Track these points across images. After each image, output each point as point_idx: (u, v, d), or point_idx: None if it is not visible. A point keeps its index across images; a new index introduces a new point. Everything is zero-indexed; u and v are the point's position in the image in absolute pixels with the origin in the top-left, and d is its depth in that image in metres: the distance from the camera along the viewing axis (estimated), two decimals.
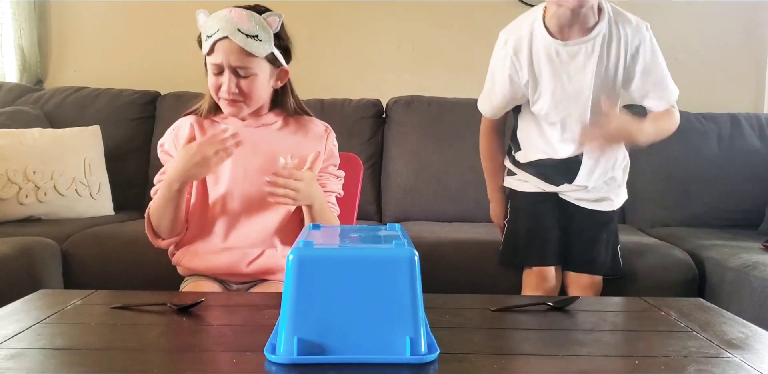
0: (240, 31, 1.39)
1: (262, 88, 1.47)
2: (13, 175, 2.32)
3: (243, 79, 1.43)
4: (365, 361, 0.83)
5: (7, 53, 3.05)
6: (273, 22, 1.43)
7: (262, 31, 1.41)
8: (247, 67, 1.42)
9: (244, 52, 1.40)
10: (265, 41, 1.42)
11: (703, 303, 1.25)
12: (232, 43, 1.39)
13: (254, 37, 1.39)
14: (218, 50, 1.41)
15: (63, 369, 0.85)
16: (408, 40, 3.15)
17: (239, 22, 1.39)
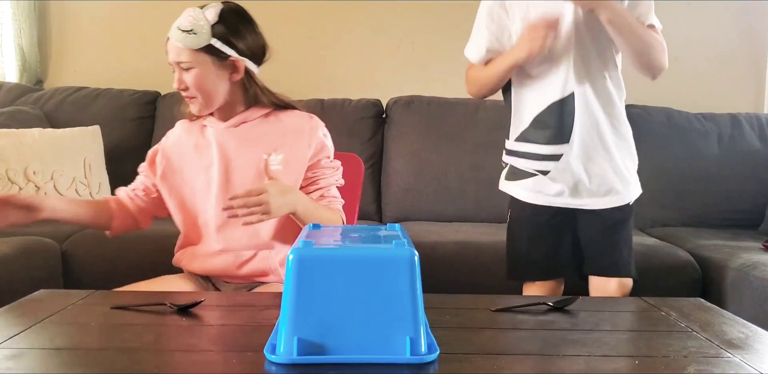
0: (177, 29, 1.44)
1: (206, 82, 1.45)
2: (13, 175, 2.32)
3: (185, 74, 1.45)
4: (365, 361, 0.83)
5: (7, 53, 3.05)
6: (209, 15, 1.44)
7: (197, 24, 1.43)
8: (184, 61, 1.44)
9: (179, 47, 1.44)
10: (200, 34, 1.42)
11: (703, 303, 1.25)
12: (171, 41, 1.45)
13: (188, 32, 1.42)
14: (168, 50, 1.47)
15: (63, 369, 0.85)
16: (408, 40, 3.15)
17: (179, 21, 1.45)
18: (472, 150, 2.74)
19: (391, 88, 2.98)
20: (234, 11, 1.48)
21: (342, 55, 3.14)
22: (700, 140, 2.78)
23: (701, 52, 3.08)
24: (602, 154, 1.68)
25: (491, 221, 2.65)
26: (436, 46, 3.14)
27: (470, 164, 2.72)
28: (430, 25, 3.14)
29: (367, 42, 3.14)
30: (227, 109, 1.51)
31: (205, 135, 1.53)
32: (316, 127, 1.55)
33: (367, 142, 2.80)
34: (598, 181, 1.69)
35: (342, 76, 3.14)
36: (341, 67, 3.14)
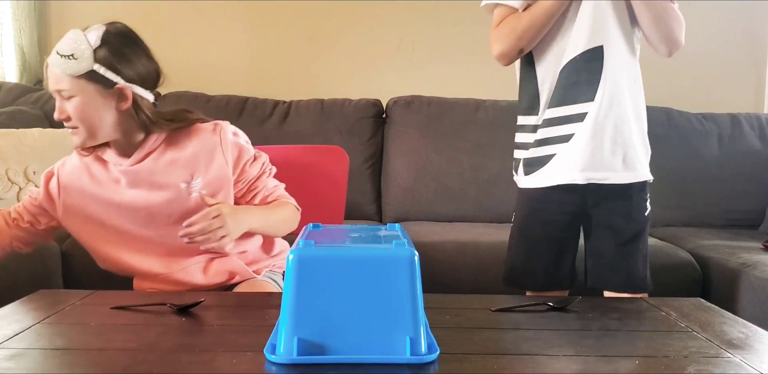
0: (57, 54, 1.31)
1: (89, 111, 1.33)
2: (13, 175, 2.32)
3: (66, 103, 1.34)
4: (365, 361, 0.83)
5: (7, 53, 3.04)
6: (91, 38, 1.31)
7: (78, 48, 1.30)
8: (64, 88, 1.32)
9: (59, 73, 1.31)
10: (81, 59, 1.29)
11: (703, 303, 1.25)
12: (50, 68, 1.33)
13: (68, 57, 1.29)
14: (48, 77, 1.35)
15: (63, 369, 0.85)
16: (408, 40, 3.15)
17: (60, 44, 1.32)
18: (472, 150, 2.74)
19: (391, 88, 2.98)
20: (120, 33, 1.36)
21: (342, 55, 3.14)
22: (700, 140, 2.78)
23: (701, 52, 3.08)
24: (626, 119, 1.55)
25: (491, 221, 2.66)
26: (436, 46, 3.14)
27: (470, 164, 2.72)
28: (430, 25, 3.14)
29: (367, 42, 3.14)
30: (124, 141, 1.38)
31: (111, 171, 1.40)
32: (224, 135, 1.41)
33: (367, 142, 2.80)
34: (621, 150, 1.55)
35: (342, 76, 3.14)
36: (341, 67, 3.14)
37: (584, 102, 1.53)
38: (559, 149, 1.56)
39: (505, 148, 2.72)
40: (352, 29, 3.14)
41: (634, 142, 1.56)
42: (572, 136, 1.54)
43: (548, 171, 1.59)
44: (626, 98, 1.55)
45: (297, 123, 2.76)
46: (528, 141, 1.62)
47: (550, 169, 1.58)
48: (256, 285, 1.47)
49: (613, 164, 1.55)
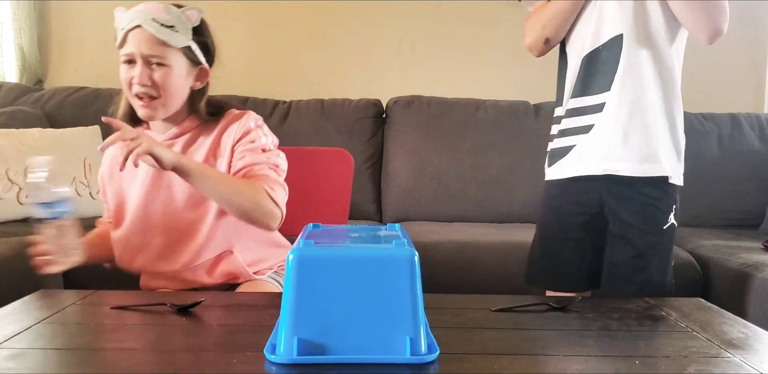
0: (154, 21, 1.32)
1: (177, 84, 1.36)
2: (13, 175, 2.32)
3: (156, 71, 1.33)
4: (365, 361, 0.83)
5: (7, 53, 3.05)
6: (192, 16, 1.36)
7: (179, 22, 1.34)
8: (161, 56, 1.33)
9: (158, 40, 1.32)
10: (182, 33, 1.34)
11: (703, 303, 1.25)
12: (145, 32, 1.31)
13: (170, 28, 1.32)
14: (131, 39, 1.33)
15: (63, 369, 0.85)
16: (408, 40, 3.15)
17: (154, 12, 1.33)
18: (472, 150, 2.74)
19: (391, 88, 2.99)
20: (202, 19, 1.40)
21: (342, 55, 3.14)
22: (700, 140, 2.78)
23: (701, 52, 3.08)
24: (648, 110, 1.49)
25: (491, 221, 2.66)
26: (436, 46, 3.14)
27: (470, 164, 2.73)
28: (430, 25, 3.14)
29: (367, 42, 3.14)
30: (171, 118, 1.41)
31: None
32: (247, 120, 1.43)
33: (367, 142, 2.80)
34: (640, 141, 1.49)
35: (342, 76, 3.14)
36: (341, 67, 3.14)
37: (602, 92, 1.50)
38: (578, 140, 1.54)
39: (505, 148, 2.74)
40: (352, 29, 3.14)
41: (657, 135, 1.49)
42: (592, 126, 1.52)
43: (567, 162, 1.56)
44: (649, 89, 1.49)
45: (297, 123, 2.76)
46: (554, 132, 1.61)
47: (569, 159, 1.56)
48: (258, 286, 1.47)
49: (629, 155, 1.49)
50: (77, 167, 2.46)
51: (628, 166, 1.50)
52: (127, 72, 1.35)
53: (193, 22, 1.36)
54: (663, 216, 1.52)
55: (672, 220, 1.53)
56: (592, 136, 1.52)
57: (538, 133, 2.74)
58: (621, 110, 1.49)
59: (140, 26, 1.31)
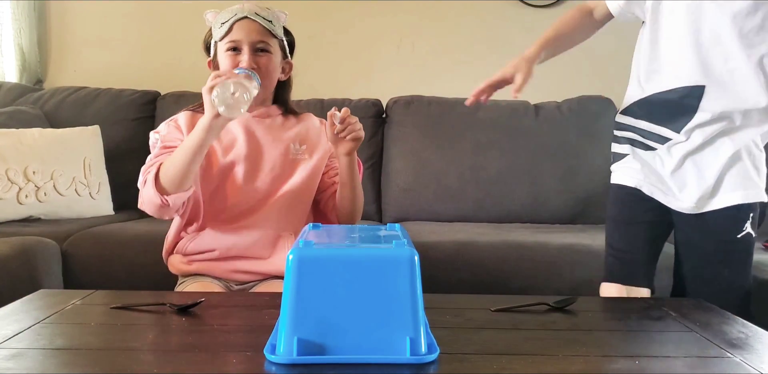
0: (258, 15, 1.50)
1: (275, 71, 1.54)
2: (13, 175, 2.32)
3: (261, 57, 1.50)
4: (365, 361, 0.83)
5: (7, 53, 3.04)
6: (282, 17, 1.55)
7: (275, 19, 1.53)
8: (268, 43, 1.50)
9: (264, 29, 1.50)
10: (278, 27, 1.53)
11: (703, 303, 1.25)
12: (253, 22, 1.49)
13: (269, 21, 1.51)
14: (237, 29, 1.49)
15: (63, 369, 0.85)
16: (408, 39, 3.15)
17: (256, 9, 1.51)
18: (472, 150, 2.74)
19: (391, 88, 2.98)
20: None
21: (342, 55, 3.14)
22: None
23: None
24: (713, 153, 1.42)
25: (491, 221, 2.66)
26: (436, 46, 3.14)
27: (470, 164, 2.72)
28: (430, 25, 3.14)
29: (367, 42, 3.14)
30: (260, 101, 1.56)
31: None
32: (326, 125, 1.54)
33: (367, 142, 2.79)
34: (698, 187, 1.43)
35: (342, 76, 3.14)
36: (341, 67, 3.14)
37: (670, 129, 1.44)
38: (639, 154, 1.51)
39: (505, 148, 2.74)
40: (352, 29, 3.14)
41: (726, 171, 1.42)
42: (655, 150, 1.47)
43: (630, 170, 1.53)
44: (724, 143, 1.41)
45: None
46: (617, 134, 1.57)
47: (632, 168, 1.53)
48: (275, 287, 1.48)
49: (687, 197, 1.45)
50: (77, 167, 2.46)
51: (687, 205, 1.45)
52: (231, 59, 1.49)
53: (282, 22, 1.55)
54: (735, 225, 1.42)
55: (748, 229, 1.42)
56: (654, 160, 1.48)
57: (538, 133, 2.75)
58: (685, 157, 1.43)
59: (247, 18, 1.49)
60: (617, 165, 1.58)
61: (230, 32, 1.50)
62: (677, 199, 1.47)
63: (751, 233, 1.42)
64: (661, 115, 1.45)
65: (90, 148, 2.55)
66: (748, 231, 1.41)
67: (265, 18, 1.50)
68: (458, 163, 2.72)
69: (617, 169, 1.58)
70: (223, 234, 1.52)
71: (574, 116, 2.79)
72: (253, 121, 1.56)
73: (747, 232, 1.41)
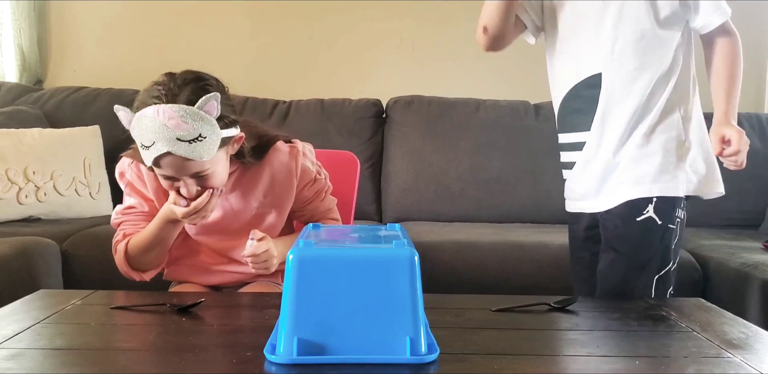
0: (180, 140, 1.19)
1: (224, 172, 1.33)
2: (13, 175, 2.32)
3: (201, 179, 1.28)
4: (365, 361, 0.83)
5: (7, 53, 3.04)
6: (211, 110, 1.21)
7: (203, 125, 1.21)
8: (203, 169, 1.26)
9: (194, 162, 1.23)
10: (210, 136, 1.22)
11: (703, 303, 1.25)
12: (177, 158, 1.21)
13: (197, 139, 1.20)
14: (165, 165, 1.24)
15: (63, 369, 0.85)
16: (408, 39, 3.15)
17: (174, 128, 1.19)
18: (472, 150, 2.74)
19: (391, 88, 2.98)
20: (203, 81, 1.27)
21: (342, 55, 3.14)
22: None
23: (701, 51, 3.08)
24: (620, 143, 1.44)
25: (491, 221, 2.66)
26: (436, 46, 3.14)
27: (470, 164, 2.72)
28: (431, 24, 3.14)
29: (367, 42, 3.14)
30: None
31: None
32: (299, 160, 1.45)
33: (367, 142, 2.80)
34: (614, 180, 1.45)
35: (342, 76, 3.14)
36: (341, 67, 3.14)
37: (582, 131, 1.46)
38: (567, 175, 1.54)
39: (505, 148, 2.74)
40: (352, 29, 3.14)
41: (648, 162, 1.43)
42: (573, 164, 1.50)
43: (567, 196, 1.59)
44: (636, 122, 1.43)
45: (297, 123, 2.76)
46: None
47: (566, 194, 1.58)
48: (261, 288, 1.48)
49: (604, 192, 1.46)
50: (77, 167, 2.46)
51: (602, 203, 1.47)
52: (169, 184, 1.30)
53: (215, 116, 1.22)
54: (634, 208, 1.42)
55: (650, 213, 1.41)
56: (574, 172, 1.51)
57: (538, 133, 2.75)
58: (600, 151, 1.45)
59: (170, 153, 1.20)
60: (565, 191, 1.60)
61: (159, 166, 1.25)
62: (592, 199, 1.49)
63: (654, 218, 1.41)
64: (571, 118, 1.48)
65: (90, 148, 2.55)
66: (649, 215, 1.41)
67: (192, 140, 1.19)
68: (458, 163, 2.72)
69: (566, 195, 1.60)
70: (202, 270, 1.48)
71: None
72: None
73: (648, 216, 1.41)
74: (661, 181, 1.43)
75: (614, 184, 1.45)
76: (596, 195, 1.48)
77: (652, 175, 1.43)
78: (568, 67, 1.48)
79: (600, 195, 1.47)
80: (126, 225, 1.43)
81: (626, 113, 1.43)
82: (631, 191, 1.43)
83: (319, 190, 1.50)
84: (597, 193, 1.48)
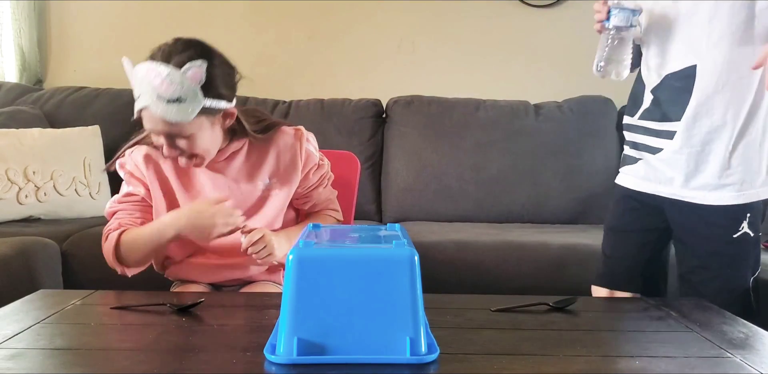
0: (160, 98, 1.25)
1: (206, 141, 1.34)
2: (13, 175, 2.32)
3: (180, 141, 1.32)
4: (365, 361, 0.83)
5: (7, 53, 3.04)
6: (195, 76, 1.25)
7: (185, 91, 1.25)
8: (178, 131, 1.30)
9: (167, 120, 1.28)
10: (190, 101, 1.26)
11: (703, 303, 1.25)
12: (153, 113, 1.28)
13: (176, 101, 1.25)
14: (144, 118, 1.32)
15: (63, 369, 0.85)
16: (408, 40, 3.15)
17: (158, 85, 1.25)
18: (472, 150, 2.74)
19: (391, 88, 2.98)
20: (204, 52, 1.30)
21: (342, 55, 3.14)
22: None
23: None
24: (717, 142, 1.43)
25: (491, 221, 2.66)
26: (436, 46, 3.14)
27: (470, 164, 2.73)
28: (430, 25, 3.14)
29: (367, 42, 3.14)
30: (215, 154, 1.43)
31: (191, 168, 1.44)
32: (303, 142, 1.48)
33: (367, 142, 2.80)
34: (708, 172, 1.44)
35: (342, 76, 3.14)
36: (341, 67, 3.14)
37: (674, 121, 1.46)
38: (647, 158, 1.53)
39: (505, 148, 2.74)
40: (352, 29, 3.14)
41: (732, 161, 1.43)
42: (661, 150, 1.49)
43: (636, 175, 1.56)
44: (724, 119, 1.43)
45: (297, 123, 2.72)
46: (627, 138, 1.59)
47: (638, 173, 1.55)
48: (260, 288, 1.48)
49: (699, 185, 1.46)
50: (77, 167, 2.46)
51: (699, 194, 1.46)
52: (154, 138, 1.36)
53: (198, 82, 1.26)
54: (732, 225, 1.44)
55: (745, 229, 1.43)
56: (660, 159, 1.50)
57: (538, 133, 2.75)
58: (692, 142, 1.45)
59: (146, 108, 1.28)
60: (624, 168, 1.60)
61: (141, 118, 1.33)
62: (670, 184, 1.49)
63: (749, 233, 1.43)
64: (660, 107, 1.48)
65: (90, 148, 2.55)
66: (744, 230, 1.43)
67: (170, 99, 1.25)
68: (458, 163, 2.72)
69: (622, 171, 1.61)
70: (205, 269, 1.48)
71: (574, 116, 2.79)
72: (218, 166, 1.43)
73: (744, 232, 1.43)
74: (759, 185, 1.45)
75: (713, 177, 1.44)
76: (685, 184, 1.47)
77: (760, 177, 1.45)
78: (664, 56, 1.48)
79: (689, 186, 1.47)
80: (122, 213, 1.44)
81: (722, 106, 1.43)
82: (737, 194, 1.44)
83: (323, 176, 1.53)
84: (686, 183, 1.47)
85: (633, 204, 1.57)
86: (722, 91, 1.42)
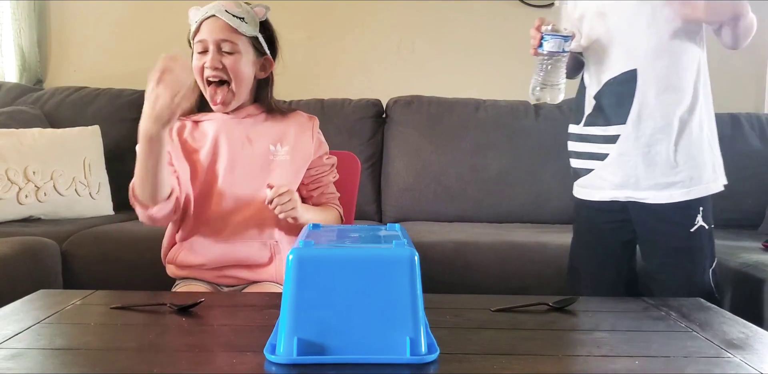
0: (226, 12, 1.44)
1: (245, 70, 1.48)
2: (13, 175, 2.32)
3: (226, 57, 1.45)
4: (365, 361, 0.83)
5: (7, 53, 3.05)
6: (260, 12, 1.50)
7: (248, 15, 1.47)
8: (233, 42, 1.45)
9: (230, 28, 1.44)
10: (251, 24, 1.47)
11: (703, 303, 1.25)
12: (218, 20, 1.44)
13: (240, 19, 1.45)
14: (204, 28, 1.45)
15: (63, 369, 0.85)
16: (408, 40, 3.15)
17: (227, 5, 1.45)
18: (472, 150, 2.74)
19: (391, 88, 2.98)
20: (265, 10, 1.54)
21: (342, 55, 3.14)
22: None
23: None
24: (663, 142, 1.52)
25: (491, 221, 2.66)
26: (436, 46, 3.14)
27: (470, 164, 2.73)
28: (430, 25, 3.14)
29: (367, 42, 3.14)
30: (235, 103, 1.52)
31: (201, 127, 1.53)
32: (315, 125, 1.59)
33: (367, 142, 2.80)
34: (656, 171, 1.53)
35: (342, 76, 3.14)
36: (341, 67, 3.14)
37: (617, 124, 1.53)
38: (596, 166, 1.59)
39: (505, 148, 2.74)
40: (352, 29, 3.14)
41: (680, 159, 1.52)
42: (607, 155, 1.56)
43: (590, 186, 1.62)
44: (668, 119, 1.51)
45: None
46: (571, 149, 1.68)
47: (592, 184, 1.62)
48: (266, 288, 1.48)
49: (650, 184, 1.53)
50: (77, 167, 2.46)
51: (650, 194, 1.54)
52: (199, 59, 1.46)
53: (260, 17, 1.49)
54: (687, 220, 1.54)
55: (700, 223, 1.55)
56: (608, 163, 1.56)
57: (538, 133, 2.75)
58: (638, 143, 1.52)
59: (214, 16, 1.44)
60: (579, 181, 1.66)
61: (198, 31, 1.46)
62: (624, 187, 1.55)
63: (704, 226, 1.55)
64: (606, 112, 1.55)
65: (90, 148, 2.55)
66: (700, 224, 1.54)
67: (236, 15, 1.45)
68: (458, 163, 2.72)
69: (577, 184, 1.68)
70: (212, 244, 1.49)
71: None
72: (232, 121, 1.51)
73: (699, 226, 1.54)
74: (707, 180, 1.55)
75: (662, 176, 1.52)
76: (636, 186, 1.54)
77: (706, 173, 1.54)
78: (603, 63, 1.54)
79: (640, 187, 1.54)
80: None
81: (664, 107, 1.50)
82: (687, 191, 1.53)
83: (333, 165, 1.61)
84: (637, 184, 1.54)
85: (595, 215, 1.64)
86: (663, 93, 1.49)
